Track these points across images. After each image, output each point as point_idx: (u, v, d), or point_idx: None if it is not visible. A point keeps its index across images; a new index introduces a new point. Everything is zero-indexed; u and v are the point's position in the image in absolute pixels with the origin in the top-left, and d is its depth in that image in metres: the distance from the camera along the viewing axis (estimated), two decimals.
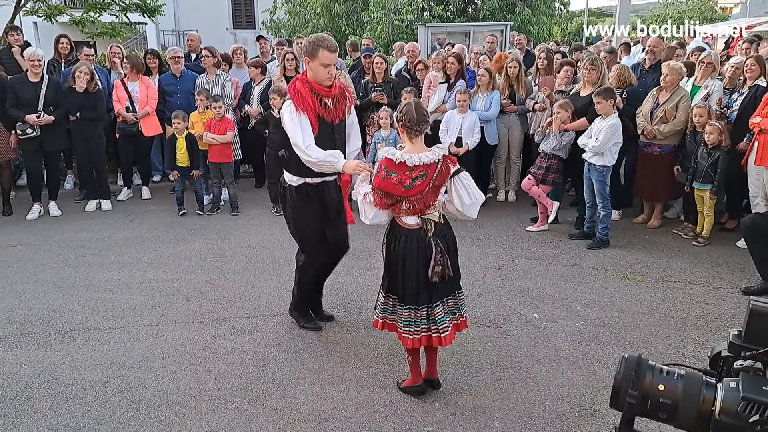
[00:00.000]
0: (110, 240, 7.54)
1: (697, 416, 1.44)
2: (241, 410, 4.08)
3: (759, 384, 1.39)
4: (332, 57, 4.42)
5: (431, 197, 3.82)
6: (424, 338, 3.98)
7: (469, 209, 3.92)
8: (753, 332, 1.50)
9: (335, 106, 4.59)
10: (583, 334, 5.08)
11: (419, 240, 3.86)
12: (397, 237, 3.91)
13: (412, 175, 3.75)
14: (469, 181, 3.92)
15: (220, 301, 5.79)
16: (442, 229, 3.95)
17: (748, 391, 1.38)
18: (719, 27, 19.68)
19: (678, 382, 1.47)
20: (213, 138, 8.34)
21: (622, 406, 1.49)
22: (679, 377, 1.48)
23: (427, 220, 3.87)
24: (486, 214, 8.38)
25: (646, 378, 1.48)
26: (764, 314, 1.50)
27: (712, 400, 1.43)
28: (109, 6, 13.95)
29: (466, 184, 3.89)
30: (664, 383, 1.47)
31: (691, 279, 6.24)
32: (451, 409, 4.07)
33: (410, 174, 3.75)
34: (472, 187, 3.92)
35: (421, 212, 3.84)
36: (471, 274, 6.33)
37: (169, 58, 9.43)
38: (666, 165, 7.53)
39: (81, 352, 4.84)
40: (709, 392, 1.45)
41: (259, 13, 28.44)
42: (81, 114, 8.36)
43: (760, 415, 1.35)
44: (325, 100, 4.52)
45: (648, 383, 1.48)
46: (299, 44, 10.46)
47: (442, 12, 22.80)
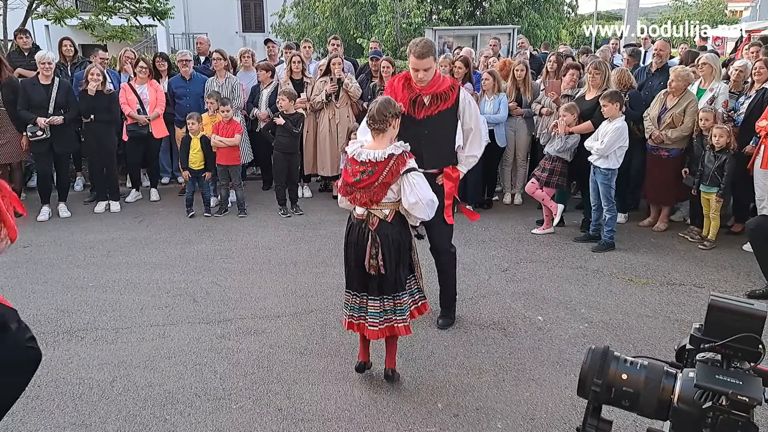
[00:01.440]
0: (119, 241, 7.59)
1: (658, 404, 1.51)
2: (245, 410, 4.11)
3: (713, 373, 1.46)
4: (416, 62, 4.61)
5: (379, 192, 4.01)
6: (355, 325, 4.32)
7: (413, 208, 4.03)
8: (712, 326, 1.57)
9: (430, 103, 4.76)
10: (587, 336, 5.09)
11: (360, 230, 4.12)
12: (349, 223, 4.27)
13: (361, 169, 4.00)
14: (416, 180, 4.04)
15: (227, 301, 5.83)
16: (387, 227, 4.09)
17: (702, 380, 1.45)
18: (728, 30, 19.67)
19: (641, 372, 1.54)
20: (221, 141, 8.39)
21: (588, 394, 1.56)
22: (642, 367, 1.55)
23: (372, 214, 4.08)
24: (492, 216, 8.44)
25: (610, 368, 1.55)
26: (722, 308, 1.56)
27: (671, 388, 1.50)
28: (119, 9, 14.02)
29: (413, 182, 4.01)
30: (627, 373, 1.54)
31: (697, 282, 6.24)
32: (454, 410, 4.09)
33: (359, 168, 4.01)
34: (418, 186, 4.02)
35: (368, 205, 4.06)
36: (476, 276, 6.36)
37: (179, 61, 9.49)
38: (673, 168, 7.53)
39: (88, 352, 4.88)
40: (669, 381, 1.52)
41: (268, 16, 28.52)
42: (95, 116, 8.43)
43: (713, 402, 1.42)
44: (422, 98, 4.76)
45: (612, 373, 1.55)
46: (306, 47, 10.53)
47: (450, 15, 22.79)
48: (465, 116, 4.85)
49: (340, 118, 9.14)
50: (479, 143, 5.00)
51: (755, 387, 1.44)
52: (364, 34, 21.87)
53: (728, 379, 1.45)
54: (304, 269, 6.63)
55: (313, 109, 9.20)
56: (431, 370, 4.58)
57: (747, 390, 1.42)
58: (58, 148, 8.41)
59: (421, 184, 4.03)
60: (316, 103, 9.08)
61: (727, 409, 1.41)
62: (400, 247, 4.15)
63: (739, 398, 1.40)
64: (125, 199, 9.29)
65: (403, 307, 4.22)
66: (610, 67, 8.27)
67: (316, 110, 9.22)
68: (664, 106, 7.47)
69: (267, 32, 25.97)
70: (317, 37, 22.66)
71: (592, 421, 1.59)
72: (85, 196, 9.47)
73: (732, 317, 1.54)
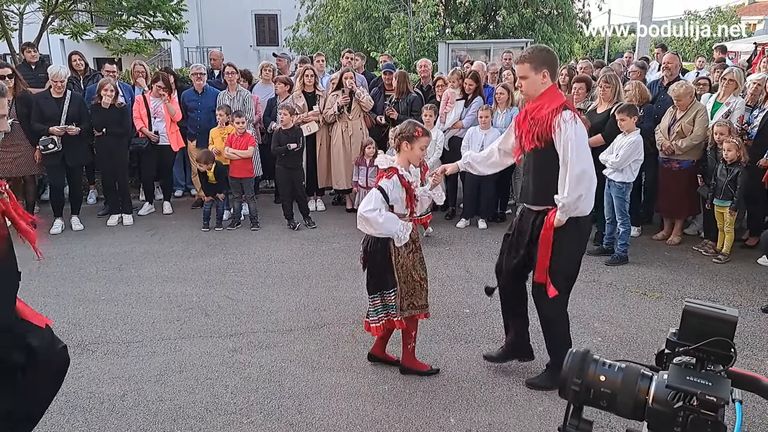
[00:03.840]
0: (131, 254, 7.61)
1: (634, 404, 1.57)
2: (257, 425, 4.09)
3: (684, 375, 1.53)
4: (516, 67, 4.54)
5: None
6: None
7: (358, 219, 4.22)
8: (686, 330, 1.65)
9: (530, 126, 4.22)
10: (601, 350, 5.04)
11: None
12: None
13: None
14: (369, 196, 4.20)
15: (238, 315, 5.82)
16: (370, 238, 4.35)
17: (673, 381, 1.52)
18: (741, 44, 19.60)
19: (618, 374, 1.60)
20: (234, 153, 8.41)
21: (568, 394, 1.62)
22: (620, 369, 1.61)
23: None
24: (505, 229, 8.38)
25: (589, 370, 1.61)
26: (695, 313, 1.65)
27: (647, 389, 1.57)
28: (133, 23, 14.15)
29: (369, 194, 4.22)
30: (605, 374, 1.60)
31: (711, 296, 6.18)
32: (467, 425, 4.06)
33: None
34: (365, 201, 4.19)
35: None
36: None
37: (192, 74, 9.55)
38: (686, 180, 7.49)
39: (99, 366, 4.88)
40: (645, 383, 1.58)
41: (282, 30, 28.69)
42: (107, 130, 8.48)
43: (684, 402, 1.49)
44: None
45: (591, 374, 1.60)
46: (319, 61, 10.57)
47: (463, 29, 22.85)
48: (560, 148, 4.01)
49: (353, 130, 9.15)
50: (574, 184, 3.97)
51: (724, 387, 1.50)
52: (378, 48, 21.92)
53: (698, 380, 1.51)
54: (317, 283, 6.62)
55: (325, 122, 9.21)
56: (444, 384, 4.55)
57: (716, 390, 1.48)
58: (70, 161, 8.44)
59: (368, 199, 4.16)
60: (329, 116, 9.09)
61: (697, 409, 1.47)
62: (377, 256, 4.37)
63: (708, 398, 1.46)
64: (138, 212, 9.32)
65: (378, 307, 4.47)
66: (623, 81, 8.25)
67: (329, 123, 9.23)
68: (674, 117, 7.44)
69: (281, 46, 26.08)
70: (331, 51, 22.75)
71: (573, 420, 1.65)
72: (98, 209, 9.50)
73: (705, 322, 1.62)
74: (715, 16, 37.17)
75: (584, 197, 3.97)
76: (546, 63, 4.06)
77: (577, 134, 3.92)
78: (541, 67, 4.04)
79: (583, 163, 3.92)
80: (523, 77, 4.17)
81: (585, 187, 3.95)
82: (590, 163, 3.99)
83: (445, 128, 8.61)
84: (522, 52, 4.19)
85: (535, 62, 4.05)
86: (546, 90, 4.09)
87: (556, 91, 4.15)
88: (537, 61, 4.06)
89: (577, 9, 26.57)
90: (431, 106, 8.51)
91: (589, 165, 3.96)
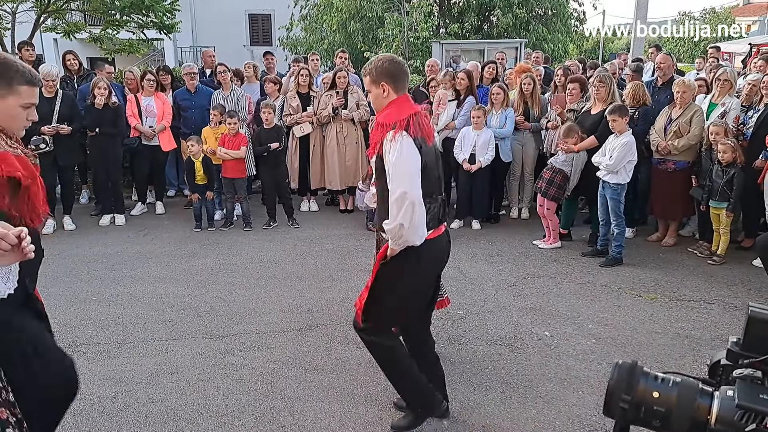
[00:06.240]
0: (123, 254, 7.56)
1: (691, 425, 1.40)
2: (248, 427, 4.05)
3: (756, 392, 1.35)
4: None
5: None
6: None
7: None
8: (752, 339, 1.47)
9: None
10: (595, 352, 5.02)
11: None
12: None
13: None
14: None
15: (231, 316, 5.78)
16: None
17: (744, 400, 1.34)
18: (736, 44, 19.63)
19: (673, 389, 1.44)
20: (227, 153, 8.38)
21: (614, 412, 1.46)
22: (674, 384, 1.45)
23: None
24: (499, 231, 8.41)
25: (639, 384, 1.45)
26: (764, 321, 1.46)
27: (707, 408, 1.40)
28: (126, 23, 14.10)
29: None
30: (659, 390, 1.44)
31: (706, 298, 6.17)
32: (460, 427, 4.03)
33: None
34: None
35: None
36: (483, 291, 6.30)
37: (185, 74, 9.51)
38: (680, 181, 7.47)
39: (90, 367, 4.83)
40: (705, 400, 1.41)
41: (275, 30, 28.60)
42: (101, 129, 8.43)
43: (757, 424, 1.32)
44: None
45: (642, 390, 1.45)
46: (314, 60, 10.55)
47: (457, 29, 22.79)
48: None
49: (347, 131, 9.12)
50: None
51: None
52: (372, 48, 21.86)
53: None
54: (310, 284, 6.58)
55: (320, 122, 9.17)
56: None
57: None
58: (62, 160, 8.38)
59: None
60: (323, 117, 9.06)
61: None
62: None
63: None
64: (130, 212, 9.28)
65: None
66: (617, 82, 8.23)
67: (323, 124, 9.19)
68: (670, 117, 7.43)
69: (275, 46, 25.99)
70: (325, 51, 22.70)
71: None
72: (90, 209, 9.46)
73: None
74: (709, 16, 37.26)
75: (407, 227, 3.41)
76: (386, 75, 3.63)
77: (400, 155, 3.41)
78: (380, 79, 3.63)
79: (401, 186, 3.39)
80: (368, 91, 3.87)
81: (407, 215, 3.38)
82: (412, 186, 3.40)
83: (437, 129, 8.58)
84: (366, 65, 3.80)
85: (373, 75, 3.67)
86: (389, 103, 3.65)
87: (401, 104, 3.63)
88: (375, 74, 3.66)
89: (572, 9, 26.55)
90: (425, 106, 8.47)
91: (410, 188, 3.39)
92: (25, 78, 2.72)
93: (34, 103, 2.83)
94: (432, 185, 3.63)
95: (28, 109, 2.81)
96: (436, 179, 3.70)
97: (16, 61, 2.75)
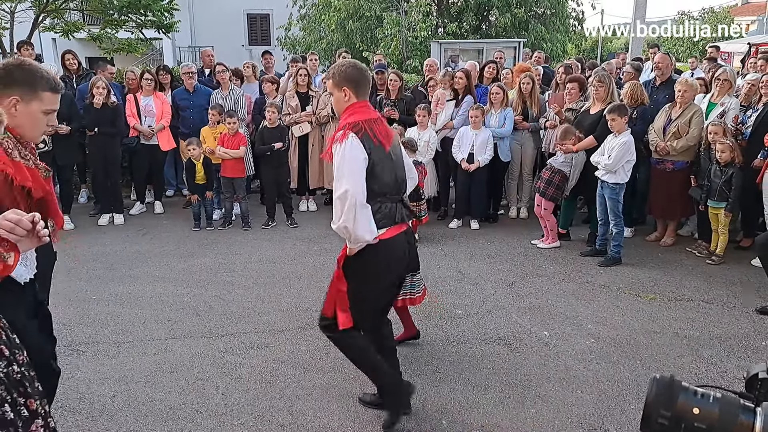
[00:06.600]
0: (122, 254, 7.56)
1: None
2: (247, 426, 4.05)
3: None
4: None
5: None
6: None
7: None
8: None
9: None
10: (594, 352, 5.03)
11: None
12: None
13: None
14: None
15: (229, 315, 5.78)
16: None
17: None
18: (734, 44, 19.64)
19: (714, 405, 1.39)
20: (226, 153, 8.37)
21: (653, 429, 1.41)
22: (715, 400, 1.40)
23: None
24: (497, 230, 8.41)
25: (679, 400, 1.40)
26: None
27: (750, 425, 1.35)
28: (125, 22, 14.10)
29: None
30: (699, 406, 1.39)
31: (705, 298, 6.17)
32: (459, 427, 4.03)
33: None
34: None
35: None
36: (481, 291, 6.30)
37: (183, 73, 9.50)
38: (679, 181, 7.46)
39: (89, 366, 4.83)
40: (747, 417, 1.36)
41: (274, 29, 28.59)
42: (99, 129, 8.43)
43: None
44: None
45: (681, 405, 1.40)
46: (312, 60, 10.54)
47: (456, 29, 22.80)
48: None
49: None
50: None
51: None
52: (370, 47, 21.86)
53: None
54: (309, 283, 6.58)
55: (319, 122, 9.17)
56: (436, 386, 4.52)
57: None
58: (60, 160, 8.36)
59: None
60: (322, 117, 9.05)
61: None
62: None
63: None
64: (129, 212, 9.27)
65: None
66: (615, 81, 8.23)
67: (322, 123, 9.19)
68: (669, 117, 7.42)
69: (273, 45, 25.97)
70: (323, 51, 22.70)
71: None
72: (89, 209, 9.45)
73: None
74: (708, 16, 37.28)
75: (350, 227, 3.53)
76: (348, 80, 3.73)
77: (343, 156, 3.57)
78: (343, 84, 3.74)
79: (344, 185, 3.53)
80: (330, 93, 3.95)
81: (349, 214, 3.50)
82: (354, 184, 3.53)
83: (436, 129, 8.57)
84: (330, 68, 3.86)
85: (336, 79, 3.76)
86: (348, 107, 3.77)
87: (359, 110, 3.75)
88: (338, 78, 3.75)
89: (570, 9, 26.57)
90: (424, 106, 8.48)
91: (352, 187, 3.51)
92: (49, 85, 2.76)
93: (55, 110, 2.87)
94: (384, 186, 3.69)
95: (48, 115, 2.84)
96: (392, 181, 3.77)
97: (41, 68, 2.78)
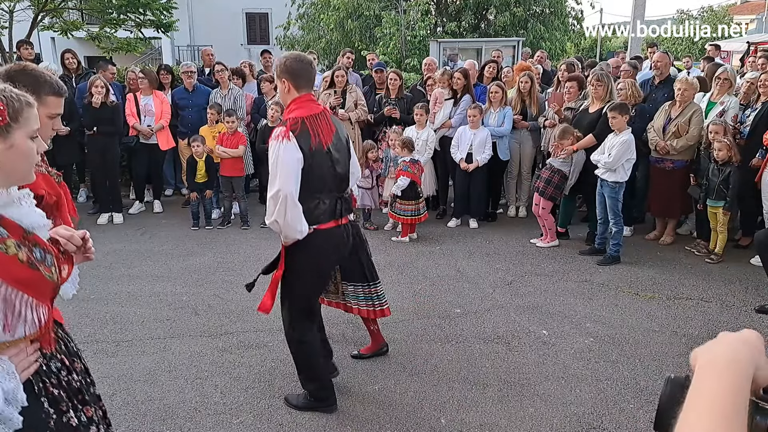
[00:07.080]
0: (121, 253, 7.56)
1: None
2: (246, 425, 4.05)
3: None
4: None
5: None
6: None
7: None
8: None
9: None
10: (593, 351, 5.03)
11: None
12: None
13: None
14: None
15: (228, 315, 5.78)
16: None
17: None
18: (733, 43, 19.64)
19: None
20: (225, 152, 8.37)
21: (666, 428, 1.31)
22: None
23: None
24: (496, 229, 8.40)
25: None
26: None
27: (765, 426, 1.25)
28: (124, 22, 14.10)
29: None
30: None
31: (704, 296, 6.18)
32: (458, 425, 4.03)
33: None
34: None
35: None
36: (480, 290, 6.31)
37: (182, 72, 9.51)
38: (678, 180, 7.46)
39: (88, 365, 4.81)
40: (762, 418, 1.26)
41: (273, 28, 28.57)
42: (98, 129, 8.42)
43: None
44: None
45: None
46: None
47: (454, 28, 22.80)
48: None
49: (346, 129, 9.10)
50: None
51: None
52: (369, 46, 21.85)
53: None
54: None
55: None
56: (434, 384, 4.52)
57: None
58: (60, 159, 8.37)
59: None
60: None
61: None
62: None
63: None
64: (128, 211, 9.27)
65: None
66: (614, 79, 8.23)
67: None
68: (669, 116, 7.42)
69: (272, 45, 25.95)
70: (322, 50, 22.68)
71: None
72: (88, 208, 9.44)
73: None
74: (707, 15, 37.26)
75: (281, 223, 3.69)
76: (287, 72, 3.75)
77: (278, 156, 3.59)
78: (282, 75, 3.76)
79: (277, 184, 3.59)
80: (276, 86, 4.01)
81: (281, 212, 3.62)
82: (286, 185, 3.59)
83: (434, 128, 8.57)
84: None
85: (278, 71, 3.82)
86: (293, 101, 3.79)
87: (302, 104, 3.78)
88: (278, 70, 3.81)
89: (569, 8, 26.55)
90: (423, 105, 8.47)
91: (284, 187, 3.58)
92: (53, 89, 2.76)
93: (59, 113, 2.87)
94: (322, 183, 3.79)
95: (53, 119, 2.85)
96: (330, 178, 3.84)
97: (44, 72, 2.78)
